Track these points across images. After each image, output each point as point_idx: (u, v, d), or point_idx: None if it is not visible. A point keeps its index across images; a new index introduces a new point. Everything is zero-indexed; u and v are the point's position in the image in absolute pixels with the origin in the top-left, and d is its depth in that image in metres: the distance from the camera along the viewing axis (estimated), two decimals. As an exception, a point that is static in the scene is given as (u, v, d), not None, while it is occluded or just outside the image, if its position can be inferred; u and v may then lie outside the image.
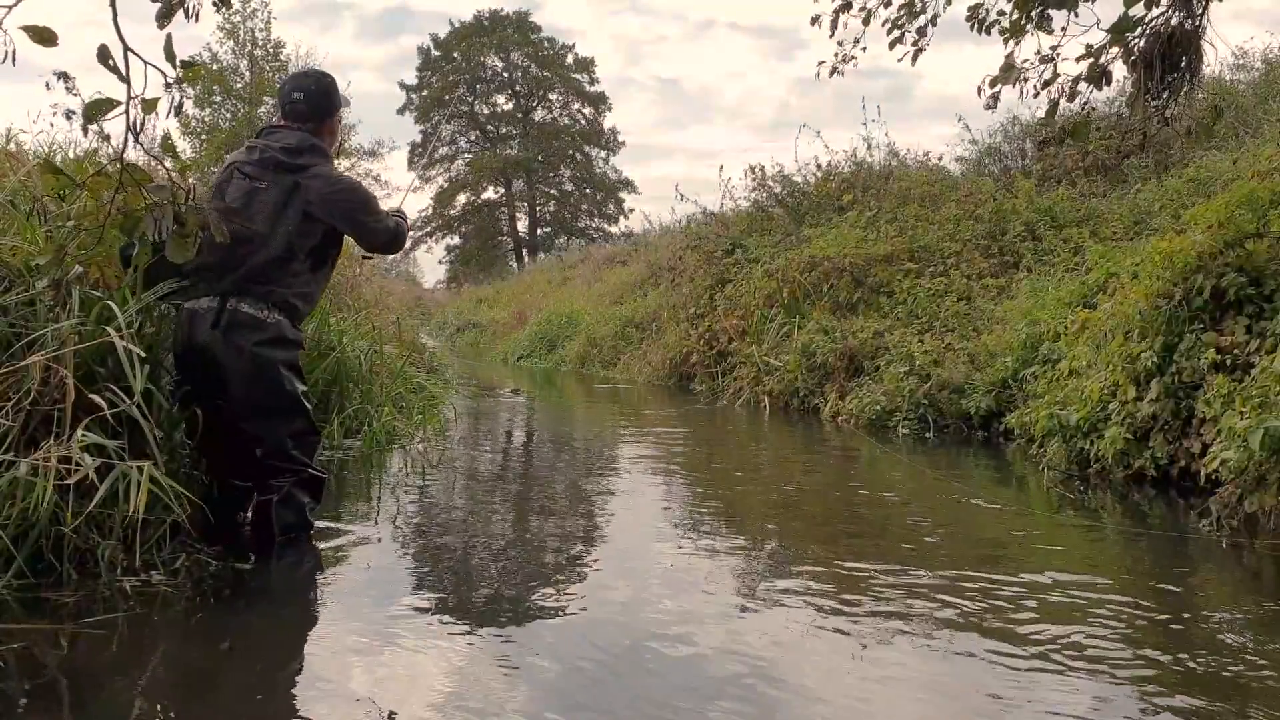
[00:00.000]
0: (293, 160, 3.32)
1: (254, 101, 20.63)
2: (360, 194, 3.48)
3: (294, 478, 3.29)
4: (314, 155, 3.39)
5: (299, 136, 3.40)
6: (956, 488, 4.98)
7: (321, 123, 3.49)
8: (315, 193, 3.29)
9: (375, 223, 3.47)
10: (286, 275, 3.27)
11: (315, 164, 3.36)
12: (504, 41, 45.13)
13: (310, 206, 3.29)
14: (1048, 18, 4.59)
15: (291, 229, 3.26)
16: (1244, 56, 12.41)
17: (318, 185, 3.31)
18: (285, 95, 3.50)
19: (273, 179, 3.28)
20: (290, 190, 3.28)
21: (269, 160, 3.32)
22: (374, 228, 3.47)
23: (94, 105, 2.07)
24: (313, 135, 3.43)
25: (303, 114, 3.44)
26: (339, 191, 3.36)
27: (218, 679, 2.34)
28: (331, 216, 3.34)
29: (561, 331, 16.38)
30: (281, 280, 3.25)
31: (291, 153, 3.34)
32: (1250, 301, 4.52)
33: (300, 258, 3.30)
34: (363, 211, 3.44)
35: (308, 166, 3.33)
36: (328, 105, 3.51)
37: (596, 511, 4.45)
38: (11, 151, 4.34)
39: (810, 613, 2.86)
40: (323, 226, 3.34)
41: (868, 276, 9.40)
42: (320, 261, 3.43)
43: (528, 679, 2.35)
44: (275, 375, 3.22)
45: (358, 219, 3.42)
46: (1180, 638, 2.69)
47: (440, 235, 46.11)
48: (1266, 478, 3.72)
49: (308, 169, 3.33)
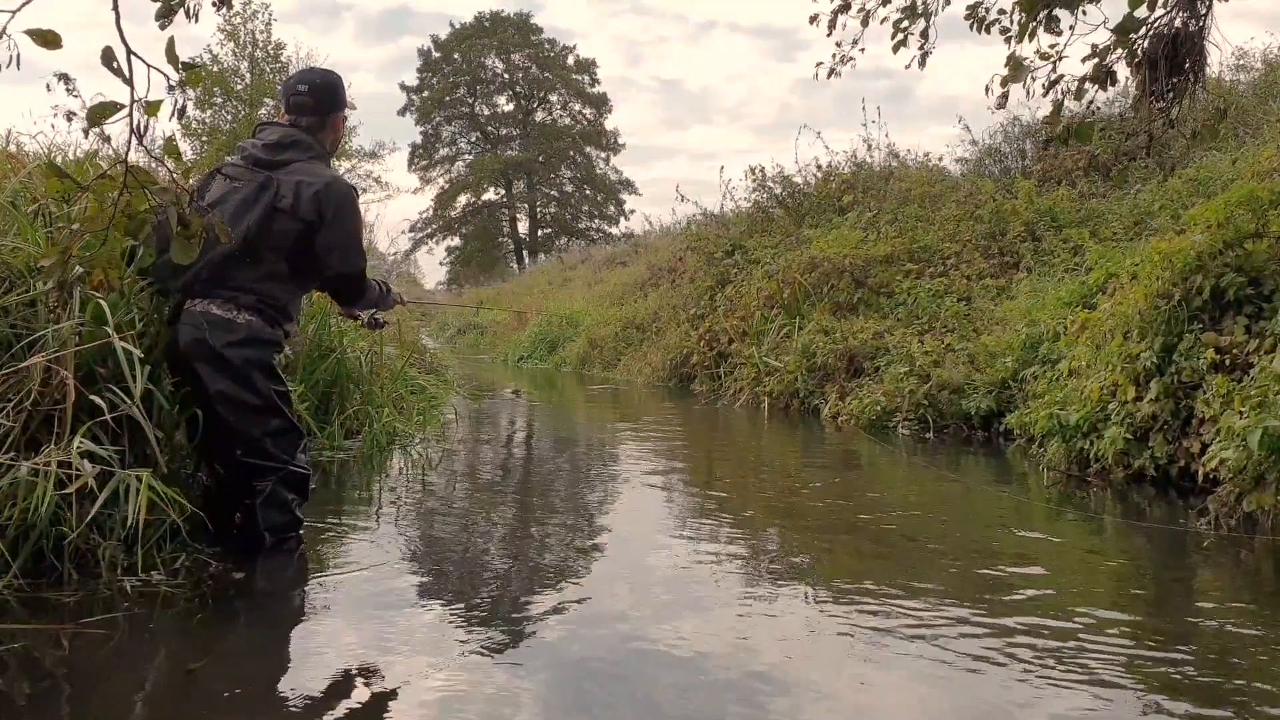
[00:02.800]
0: (271, 156, 3.27)
1: (254, 103, 20.66)
2: (353, 199, 3.36)
3: (275, 476, 3.24)
4: (297, 151, 3.31)
5: (283, 131, 3.34)
6: (956, 488, 4.98)
7: (324, 118, 3.44)
8: (291, 188, 3.20)
9: (355, 240, 3.34)
10: (251, 277, 3.18)
11: (296, 160, 3.28)
12: (505, 43, 45.20)
13: (281, 202, 3.19)
14: (1055, 19, 4.59)
15: (252, 225, 3.15)
16: (1244, 57, 12.42)
17: (300, 181, 3.22)
18: (290, 88, 3.47)
19: (249, 177, 3.22)
20: (260, 187, 3.22)
21: (249, 158, 3.28)
22: (352, 243, 3.32)
23: (98, 109, 2.08)
24: (313, 131, 3.39)
25: (306, 107, 3.39)
26: (329, 186, 3.25)
27: (217, 680, 2.34)
28: (313, 214, 3.21)
29: (562, 333, 16.38)
30: (244, 284, 3.17)
31: (272, 148, 3.29)
32: (1249, 301, 4.52)
33: (267, 260, 3.20)
34: (348, 218, 3.29)
35: (287, 163, 3.27)
36: (332, 101, 3.46)
37: (597, 512, 4.45)
38: (12, 153, 4.35)
39: (812, 614, 2.86)
40: (296, 228, 3.21)
41: (868, 277, 9.41)
42: (298, 272, 3.31)
43: (530, 682, 2.35)
44: (246, 375, 3.16)
45: (341, 224, 3.26)
46: (1180, 638, 2.69)
47: (441, 237, 46.18)
48: (1265, 477, 3.72)
49: (287, 165, 3.26)
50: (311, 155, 3.35)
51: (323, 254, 3.29)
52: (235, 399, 3.16)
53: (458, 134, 46.60)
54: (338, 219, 3.27)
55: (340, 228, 3.28)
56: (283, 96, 3.55)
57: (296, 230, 3.23)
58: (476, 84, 46.02)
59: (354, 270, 3.40)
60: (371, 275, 3.63)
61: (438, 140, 46.09)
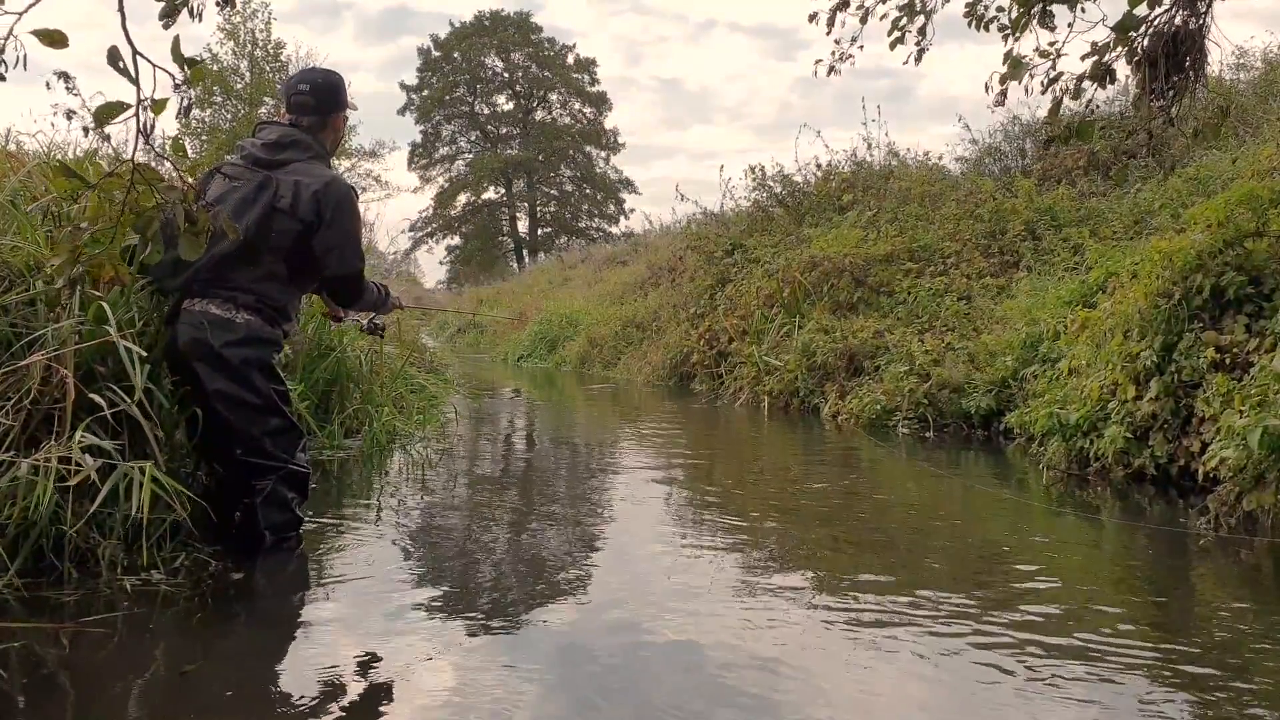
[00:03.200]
0: (271, 156, 3.27)
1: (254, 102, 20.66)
2: (352, 199, 3.35)
3: (275, 475, 3.24)
4: (297, 151, 3.30)
5: (282, 131, 3.34)
6: (956, 487, 4.98)
7: (325, 118, 3.43)
8: (290, 188, 3.20)
9: (354, 240, 3.34)
10: (249, 278, 3.18)
11: (295, 160, 3.28)
12: (504, 42, 45.20)
13: (280, 201, 3.19)
14: (1050, 14, 4.58)
15: (250, 225, 3.15)
16: (1244, 56, 12.40)
17: (299, 181, 3.21)
18: (291, 87, 3.46)
19: (248, 176, 3.21)
20: (259, 187, 3.21)
21: (248, 157, 3.28)
22: (351, 244, 3.32)
23: (104, 109, 2.07)
24: (314, 131, 3.38)
25: (307, 106, 3.39)
26: (328, 186, 3.24)
27: (216, 679, 2.34)
28: (312, 214, 3.20)
29: (562, 332, 16.38)
30: (243, 284, 3.17)
31: (271, 148, 3.29)
32: (1250, 300, 4.52)
33: (266, 261, 3.20)
34: (347, 218, 3.29)
35: (286, 163, 3.26)
36: (333, 101, 3.45)
37: (597, 512, 4.45)
38: (12, 152, 4.35)
39: (813, 611, 2.86)
40: (295, 229, 3.21)
41: (868, 276, 9.41)
42: (297, 273, 3.31)
43: (531, 680, 2.35)
44: (245, 374, 3.16)
45: (340, 225, 3.26)
46: (1181, 637, 2.69)
47: (441, 236, 46.19)
48: (1265, 476, 3.73)
49: (286, 164, 3.26)
50: (311, 155, 3.34)
51: (321, 254, 3.29)
52: (234, 398, 3.16)
53: (457, 133, 46.61)
54: (336, 219, 3.27)
55: (339, 228, 3.28)
56: (284, 95, 3.55)
57: (295, 230, 3.23)
58: (476, 83, 46.02)
59: (352, 271, 3.40)
60: (371, 278, 3.62)
61: (437, 139, 46.11)
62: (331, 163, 3.53)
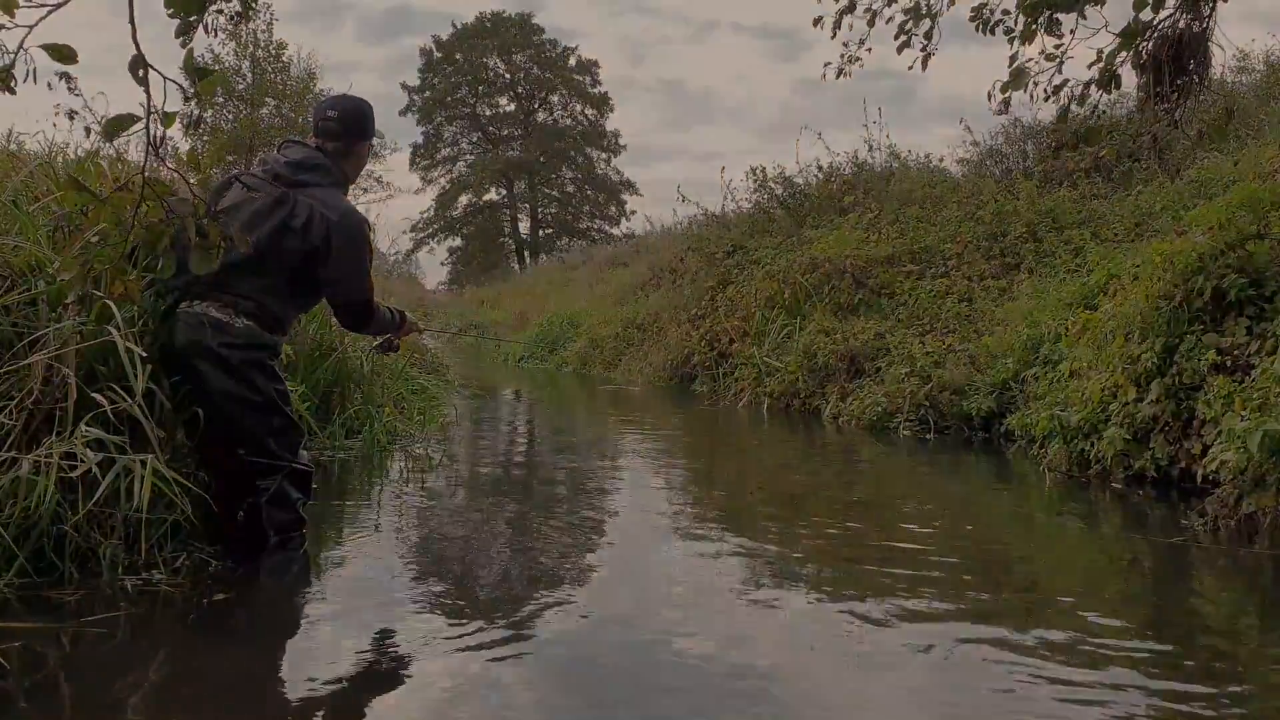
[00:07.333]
0: (293, 175, 3.29)
1: (256, 103, 20.67)
2: (364, 233, 3.37)
3: (279, 474, 3.24)
4: (318, 174, 3.33)
5: (307, 153, 3.37)
6: (957, 489, 4.98)
7: (351, 144, 3.46)
8: (305, 209, 3.22)
9: (359, 273, 3.37)
10: (252, 287, 3.19)
11: (315, 184, 3.30)
12: (506, 43, 45.19)
13: (294, 220, 3.21)
14: (1057, 22, 4.58)
15: (262, 238, 3.16)
16: (1245, 58, 12.41)
17: (314, 205, 3.23)
18: (320, 112, 3.50)
19: (267, 190, 3.24)
20: (277, 202, 3.23)
21: (270, 172, 3.31)
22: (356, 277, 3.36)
23: (114, 123, 2.08)
24: (337, 157, 3.40)
25: (334, 132, 3.42)
26: (342, 218, 3.27)
27: (217, 679, 2.34)
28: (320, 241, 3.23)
29: (563, 333, 16.39)
30: (245, 292, 3.18)
31: (294, 167, 3.32)
32: (1251, 303, 4.51)
33: (270, 273, 3.21)
34: (355, 251, 3.32)
35: (306, 185, 3.29)
36: (360, 128, 3.49)
37: (598, 513, 4.45)
38: (14, 152, 4.36)
39: (814, 615, 2.86)
40: (302, 250, 3.23)
41: (869, 278, 9.41)
42: (298, 291, 3.33)
43: (532, 680, 2.35)
44: (246, 374, 3.17)
45: (347, 258, 3.29)
46: (1181, 638, 2.69)
47: (442, 237, 46.19)
48: (1265, 479, 3.72)
49: (305, 186, 3.28)
50: (331, 182, 3.37)
51: (326, 283, 3.36)
52: (237, 396, 3.17)
53: (459, 134, 46.61)
54: (344, 252, 3.29)
55: (345, 262, 3.31)
56: (313, 119, 3.58)
57: (303, 251, 3.25)
58: (478, 84, 46.01)
59: (357, 300, 3.46)
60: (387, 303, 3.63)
61: (439, 140, 46.10)
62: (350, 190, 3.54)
